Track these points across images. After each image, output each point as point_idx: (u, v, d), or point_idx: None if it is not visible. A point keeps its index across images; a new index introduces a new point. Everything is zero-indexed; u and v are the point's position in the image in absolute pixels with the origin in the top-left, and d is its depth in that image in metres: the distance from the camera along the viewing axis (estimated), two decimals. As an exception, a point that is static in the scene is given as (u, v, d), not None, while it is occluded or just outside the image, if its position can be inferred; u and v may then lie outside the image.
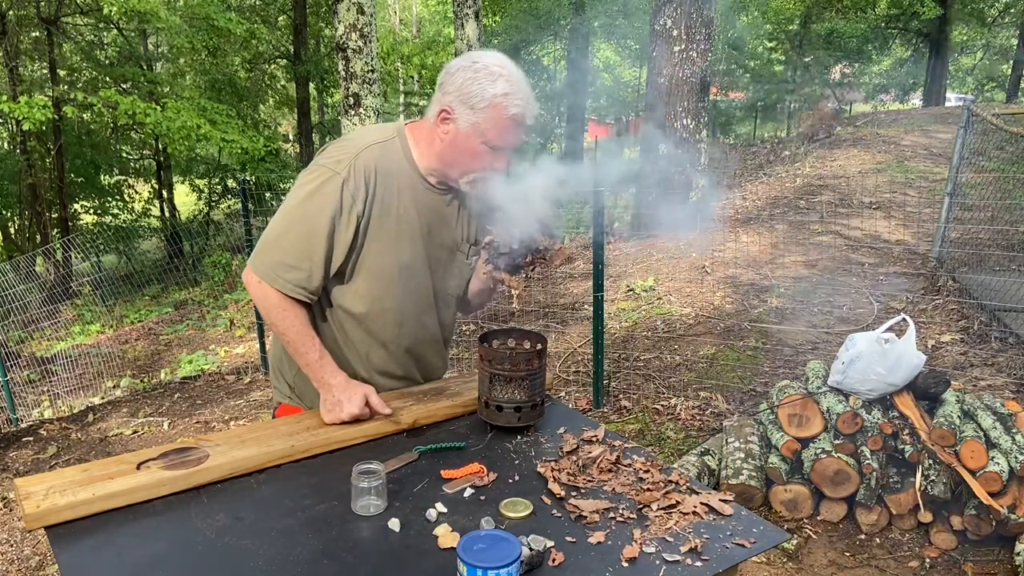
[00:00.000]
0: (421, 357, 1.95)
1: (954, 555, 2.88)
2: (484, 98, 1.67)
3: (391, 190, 1.77)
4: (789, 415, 3.23)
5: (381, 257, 1.78)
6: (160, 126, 10.75)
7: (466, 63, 1.70)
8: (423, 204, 1.82)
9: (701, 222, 7.82)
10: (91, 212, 16.14)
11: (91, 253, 10.79)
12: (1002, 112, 6.72)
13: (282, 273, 1.72)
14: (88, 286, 9.11)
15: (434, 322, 1.93)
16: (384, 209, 1.76)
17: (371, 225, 1.76)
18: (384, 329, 1.85)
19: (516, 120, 1.70)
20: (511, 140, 1.72)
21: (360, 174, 1.72)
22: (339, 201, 1.70)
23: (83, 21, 15.15)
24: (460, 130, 1.71)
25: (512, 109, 1.68)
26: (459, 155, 1.74)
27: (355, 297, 1.81)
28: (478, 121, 1.68)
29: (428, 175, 1.82)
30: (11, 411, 5.95)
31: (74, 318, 9.06)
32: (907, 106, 24.47)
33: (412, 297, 1.85)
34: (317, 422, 1.74)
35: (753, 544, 1.35)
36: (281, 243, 1.73)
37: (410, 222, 1.80)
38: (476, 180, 1.77)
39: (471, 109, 1.68)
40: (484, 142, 1.70)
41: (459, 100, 1.69)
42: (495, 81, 1.67)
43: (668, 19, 7.55)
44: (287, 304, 1.74)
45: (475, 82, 1.67)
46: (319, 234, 1.71)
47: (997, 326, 4.74)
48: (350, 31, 6.64)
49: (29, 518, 1.34)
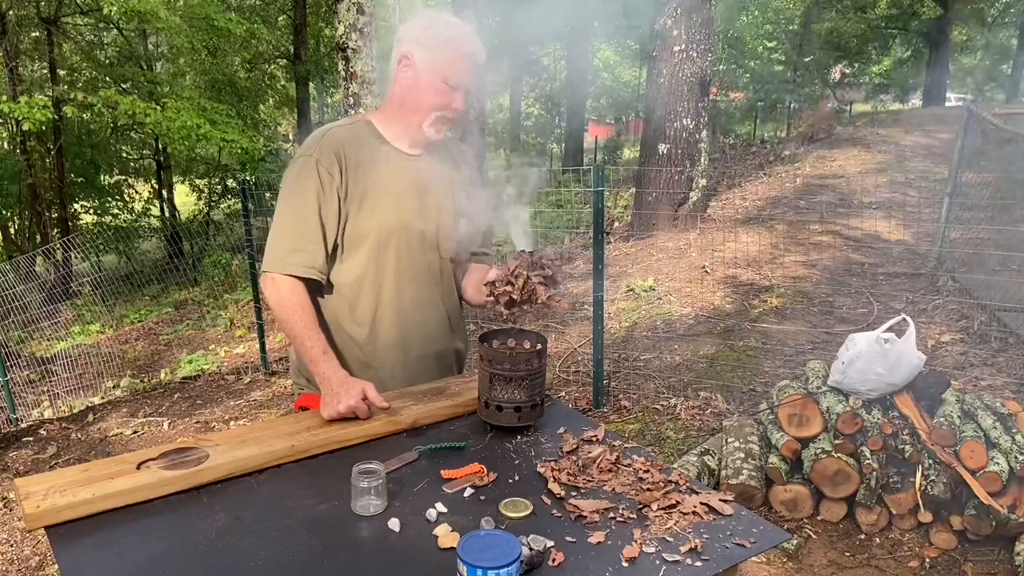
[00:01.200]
0: (416, 324, 1.97)
1: (954, 555, 2.88)
2: (440, 38, 1.80)
3: (363, 163, 1.87)
4: (789, 415, 3.23)
5: (367, 223, 1.86)
6: (160, 126, 10.74)
7: (423, 18, 1.86)
8: (402, 171, 1.91)
9: (701, 222, 7.83)
10: (91, 212, 16.12)
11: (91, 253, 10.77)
12: (1002, 112, 6.71)
13: (289, 259, 1.82)
14: (88, 286, 9.10)
15: (427, 284, 1.97)
16: (361, 178, 1.86)
17: (351, 195, 1.85)
18: (377, 297, 1.91)
19: (471, 57, 1.83)
20: (467, 78, 1.83)
21: (330, 150, 1.84)
22: (318, 179, 1.82)
23: (83, 21, 15.14)
24: (419, 70, 1.82)
25: (467, 47, 1.82)
26: (420, 96, 1.83)
27: (349, 269, 1.89)
28: (436, 59, 1.80)
29: (398, 142, 1.92)
30: (11, 411, 5.95)
31: (74, 318, 9.06)
32: (907, 106, 24.47)
33: (403, 262, 1.91)
34: (317, 422, 1.74)
35: (753, 544, 1.35)
36: (280, 234, 1.85)
37: (391, 188, 1.88)
38: (438, 121, 1.87)
39: (428, 49, 1.81)
40: (443, 79, 1.81)
41: (416, 43, 1.82)
42: (451, 28, 1.83)
43: (668, 19, 7.55)
44: (296, 295, 1.82)
45: (431, 27, 1.82)
46: (310, 214, 1.82)
47: (997, 326, 4.74)
48: (350, 31, 6.64)
49: (29, 518, 1.34)
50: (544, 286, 1.75)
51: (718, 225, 8.05)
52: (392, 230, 1.89)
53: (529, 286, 1.74)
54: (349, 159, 1.85)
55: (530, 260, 1.75)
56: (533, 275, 1.74)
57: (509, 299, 1.75)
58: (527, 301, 1.75)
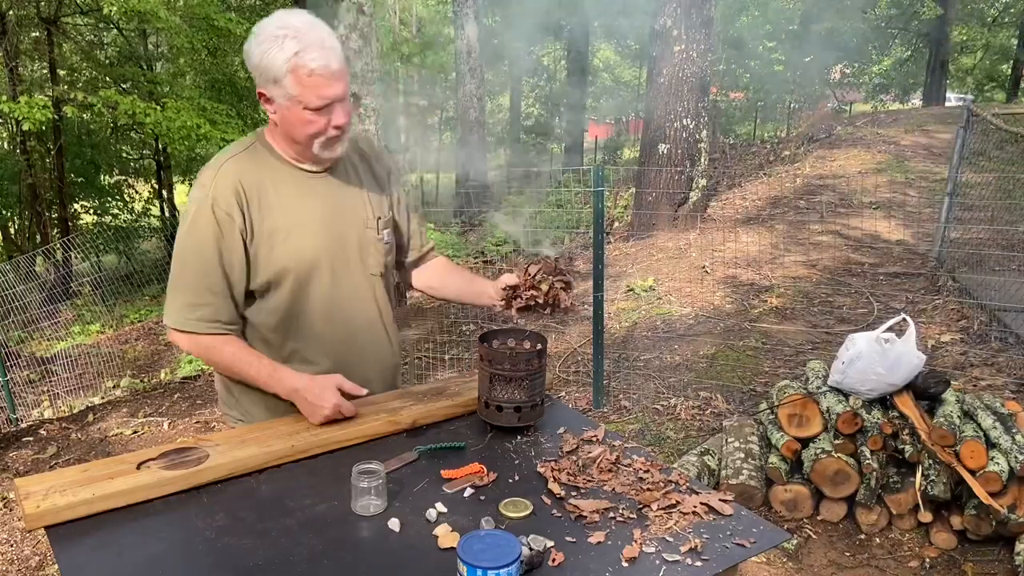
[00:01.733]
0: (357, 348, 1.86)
1: (954, 555, 2.88)
2: (279, 67, 1.60)
3: (267, 192, 1.72)
4: (789, 415, 3.23)
5: (282, 259, 1.72)
6: (160, 126, 10.73)
7: (252, 40, 1.64)
8: (312, 192, 1.77)
9: (701, 222, 7.82)
10: (91, 212, 16.12)
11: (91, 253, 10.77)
12: (1002, 112, 6.71)
13: (191, 314, 1.69)
14: (88, 286, 9.10)
15: (362, 308, 1.86)
16: (267, 214, 1.71)
17: (257, 233, 1.70)
18: (308, 331, 1.79)
19: (320, 73, 1.60)
20: (326, 94, 1.63)
21: (227, 189, 1.67)
22: (216, 224, 1.66)
23: (83, 21, 15.14)
24: (281, 107, 1.66)
25: (311, 64, 1.59)
26: (294, 129, 1.67)
27: (270, 310, 1.77)
28: (287, 91, 1.62)
29: (299, 162, 1.77)
30: (11, 411, 5.95)
31: (74, 318, 9.06)
32: (907, 106, 24.46)
33: (329, 289, 1.79)
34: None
35: (753, 544, 1.35)
36: (180, 287, 1.71)
37: (302, 216, 1.74)
38: (327, 143, 1.70)
39: (276, 83, 1.62)
40: (304, 107, 1.63)
41: (264, 79, 1.64)
42: (283, 45, 1.59)
43: (668, 19, 7.55)
44: (216, 342, 1.72)
45: (265, 55, 1.60)
46: (210, 265, 1.68)
47: (997, 326, 4.73)
48: (350, 31, 6.64)
49: (29, 518, 1.34)
50: (565, 291, 1.76)
51: (718, 225, 8.05)
52: (312, 260, 1.75)
53: (553, 291, 1.75)
54: (250, 193, 1.69)
55: (551, 264, 1.77)
56: (556, 280, 1.76)
57: (532, 303, 1.76)
58: (549, 306, 1.76)
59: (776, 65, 20.85)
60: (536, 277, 1.76)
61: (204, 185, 1.69)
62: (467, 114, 13.88)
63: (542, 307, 1.77)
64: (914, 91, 26.06)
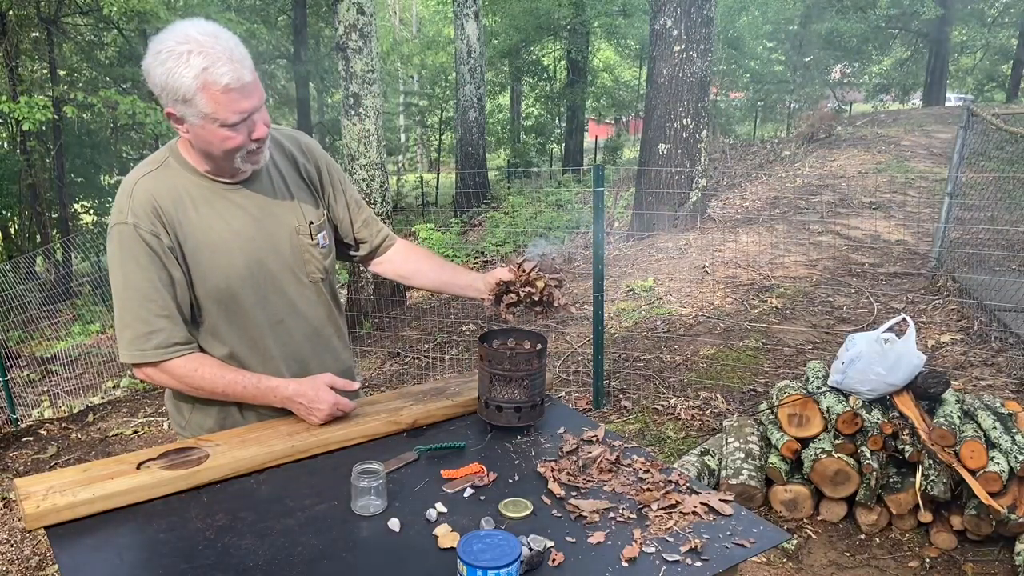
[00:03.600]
0: (309, 357, 1.81)
1: (954, 555, 2.88)
2: (187, 86, 1.48)
3: (186, 209, 1.62)
4: (789, 415, 3.23)
5: (212, 278, 1.64)
6: (160, 126, 10.75)
7: (151, 58, 1.51)
8: (234, 205, 1.67)
9: (701, 222, 7.83)
10: (91, 212, 16.14)
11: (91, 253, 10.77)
12: (1002, 112, 6.71)
13: (146, 344, 1.59)
14: (88, 286, 9.10)
15: (303, 318, 1.79)
16: (189, 233, 1.62)
17: (185, 252, 1.62)
18: (255, 348, 1.73)
19: (232, 87, 1.49)
20: (244, 107, 1.52)
21: (145, 210, 1.58)
22: (146, 246, 1.57)
23: (83, 21, 15.15)
24: (195, 126, 1.54)
25: (222, 80, 1.48)
26: (210, 146, 1.57)
27: (213, 336, 1.70)
28: (199, 110, 1.50)
29: (216, 175, 1.66)
30: (11, 411, 5.95)
31: (74, 318, 9.06)
32: (907, 106, 24.48)
33: (268, 305, 1.71)
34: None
35: (753, 544, 1.35)
36: (127, 320, 1.60)
37: (226, 231, 1.65)
38: (249, 156, 1.61)
39: (186, 103, 1.50)
40: (220, 125, 1.52)
41: (171, 99, 1.51)
42: (188, 61, 1.47)
43: (668, 19, 7.55)
44: (190, 366, 1.64)
45: (171, 74, 1.48)
46: (151, 287, 1.59)
47: (997, 326, 4.73)
48: (350, 31, 6.64)
49: (29, 518, 1.34)
50: (558, 290, 1.75)
51: (718, 225, 8.05)
52: (243, 277, 1.66)
53: (548, 289, 1.74)
54: (167, 213, 1.59)
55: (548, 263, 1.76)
56: (549, 278, 1.75)
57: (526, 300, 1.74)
58: (542, 303, 1.75)
59: (776, 65, 20.85)
60: (531, 274, 1.75)
61: (121, 210, 1.58)
62: (467, 114, 13.88)
63: (536, 305, 1.75)
64: (914, 91, 26.08)
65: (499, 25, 20.16)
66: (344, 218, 1.91)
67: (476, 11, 13.59)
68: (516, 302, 1.76)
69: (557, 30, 19.62)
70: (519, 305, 1.76)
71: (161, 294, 1.59)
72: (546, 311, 1.76)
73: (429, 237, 9.94)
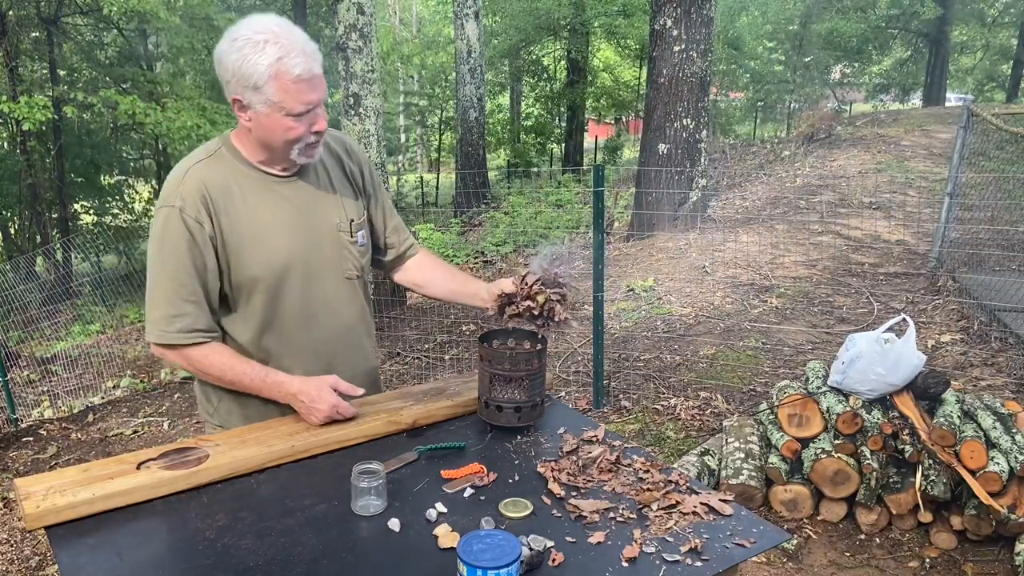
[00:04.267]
0: (337, 353, 1.85)
1: (954, 555, 2.88)
2: (260, 73, 1.55)
3: (234, 199, 1.68)
4: (789, 415, 3.23)
5: (253, 267, 1.69)
6: (160, 126, 10.75)
7: (227, 45, 1.58)
8: (280, 198, 1.73)
9: (701, 222, 7.83)
10: (91, 212, 16.14)
11: (91, 253, 10.78)
12: (1002, 112, 6.72)
13: (169, 327, 1.65)
14: (88, 286, 9.11)
15: (338, 314, 1.83)
16: (235, 221, 1.67)
17: (228, 241, 1.67)
18: (285, 339, 1.76)
19: (303, 78, 1.57)
20: (309, 99, 1.60)
21: (193, 196, 1.63)
22: (186, 231, 1.63)
23: (83, 21, 15.15)
24: (258, 112, 1.61)
25: (295, 70, 1.56)
26: (271, 135, 1.63)
27: (245, 321, 1.74)
28: (268, 97, 1.58)
29: (268, 167, 1.72)
30: (11, 411, 5.95)
31: (74, 318, 9.06)
32: (907, 106, 24.48)
33: (304, 297, 1.76)
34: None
35: (753, 544, 1.35)
36: (156, 300, 1.66)
37: (271, 222, 1.71)
38: (306, 149, 1.67)
39: (255, 89, 1.57)
40: (286, 114, 1.60)
41: (240, 85, 1.58)
42: (263, 50, 1.55)
43: (668, 19, 7.55)
44: (203, 352, 1.69)
45: (244, 60, 1.55)
46: (185, 273, 1.64)
47: (997, 326, 4.73)
48: (350, 31, 6.64)
49: (29, 518, 1.34)
50: (560, 304, 1.75)
51: (718, 225, 8.05)
52: (283, 267, 1.71)
53: (549, 304, 1.74)
54: (216, 201, 1.65)
55: (550, 276, 1.75)
56: (552, 292, 1.75)
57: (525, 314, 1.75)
58: (543, 317, 1.75)
59: (776, 65, 20.86)
60: (533, 288, 1.75)
61: (170, 194, 1.65)
62: (467, 114, 13.88)
63: (536, 318, 1.76)
64: (914, 91, 26.08)
65: (499, 25, 20.17)
66: (379, 222, 1.98)
67: (476, 11, 13.59)
68: (517, 314, 1.76)
69: (557, 30, 19.61)
70: (521, 317, 1.77)
71: (192, 280, 1.65)
72: (547, 324, 1.76)
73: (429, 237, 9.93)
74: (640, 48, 19.20)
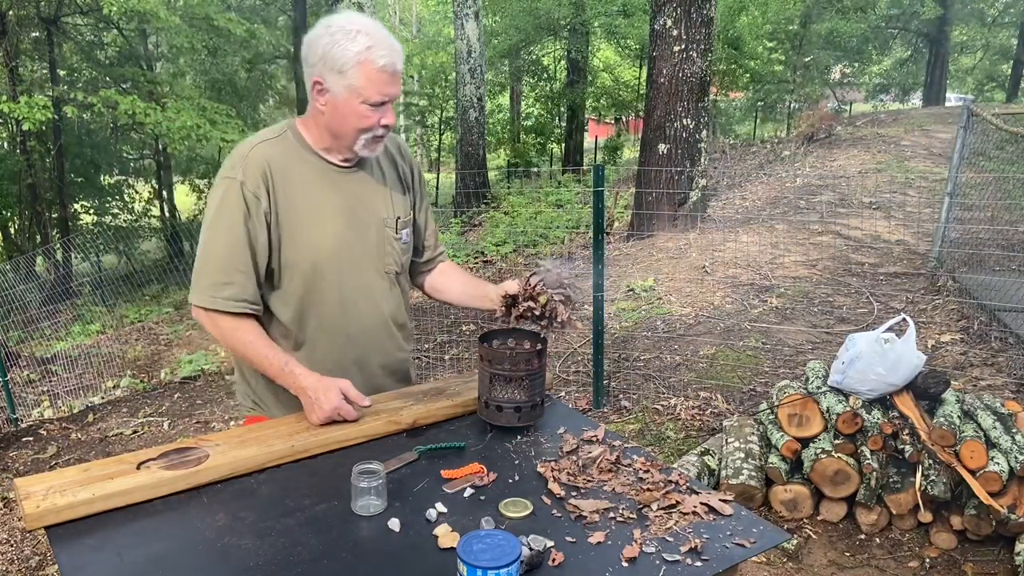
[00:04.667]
0: (370, 343, 1.90)
1: (954, 555, 2.88)
2: (348, 59, 1.65)
3: (293, 181, 1.75)
4: (789, 415, 3.23)
5: (301, 249, 1.76)
6: (160, 126, 10.75)
7: (321, 30, 1.69)
8: (335, 187, 1.80)
9: (701, 222, 7.83)
10: (91, 212, 16.14)
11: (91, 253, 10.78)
12: (1002, 112, 6.72)
13: (218, 293, 1.70)
14: (88, 286, 9.11)
15: (375, 304, 1.88)
16: (290, 202, 1.74)
17: (281, 220, 1.74)
18: (323, 322, 1.82)
19: (386, 70, 1.68)
20: (388, 91, 1.70)
21: (255, 172, 1.71)
22: (244, 203, 1.69)
23: (83, 21, 15.15)
24: (336, 97, 1.69)
25: (380, 61, 1.66)
26: (344, 121, 1.71)
27: (287, 296, 1.79)
28: (350, 83, 1.67)
29: (329, 155, 1.80)
30: (11, 411, 5.95)
31: (74, 318, 9.06)
32: (907, 106, 24.48)
33: (346, 286, 1.81)
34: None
35: (753, 544, 1.35)
36: (208, 266, 1.72)
37: (323, 208, 1.77)
38: (371, 141, 1.76)
39: (340, 73, 1.66)
40: (363, 101, 1.68)
41: (326, 68, 1.67)
42: (355, 38, 1.65)
43: (668, 19, 7.55)
44: (237, 324, 1.73)
45: (335, 45, 1.65)
46: (239, 243, 1.70)
47: (997, 326, 4.73)
48: (350, 31, 6.64)
49: (29, 518, 1.34)
50: (564, 305, 1.75)
51: (718, 225, 8.05)
52: (329, 254, 1.78)
53: (551, 305, 1.74)
54: (276, 179, 1.72)
55: (554, 277, 1.76)
56: (555, 293, 1.75)
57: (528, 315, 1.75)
58: (545, 318, 1.75)
59: (776, 65, 20.85)
60: (536, 289, 1.75)
61: (234, 166, 1.72)
62: (467, 114, 13.88)
63: (539, 319, 1.76)
64: (914, 91, 26.08)
65: (499, 25, 20.16)
66: (421, 225, 2.04)
67: (476, 11, 13.58)
68: (523, 315, 1.77)
69: (557, 30, 19.61)
70: (527, 318, 1.77)
71: (245, 252, 1.70)
72: (551, 325, 1.76)
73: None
74: (640, 48, 19.20)
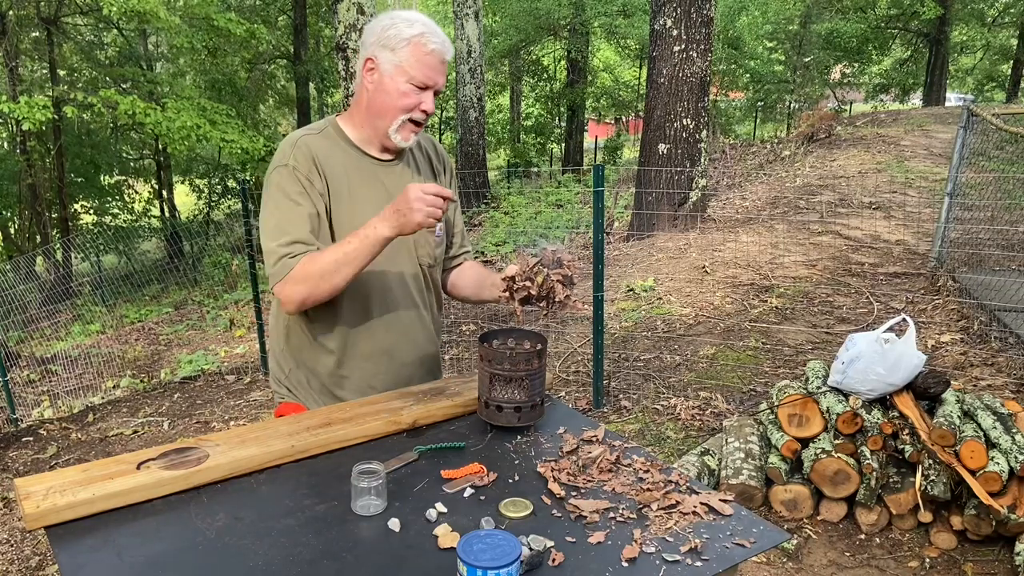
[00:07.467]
0: (404, 332, 1.94)
1: (954, 555, 2.88)
2: (402, 38, 1.74)
3: (337, 173, 1.81)
4: (789, 415, 3.23)
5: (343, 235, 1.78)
6: (160, 126, 10.75)
7: (383, 17, 1.80)
8: (375, 178, 1.86)
9: (701, 222, 7.83)
10: (91, 212, 16.15)
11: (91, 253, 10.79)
12: (1002, 112, 6.71)
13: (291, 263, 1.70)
14: (88, 286, 9.11)
15: (409, 295, 1.93)
16: (337, 194, 1.80)
17: (330, 204, 1.79)
18: (359, 308, 1.86)
19: (436, 55, 1.76)
20: (433, 76, 1.77)
21: (305, 158, 1.77)
22: (300, 185, 1.76)
23: (83, 21, 15.15)
24: (385, 73, 1.77)
25: (431, 45, 1.75)
26: (387, 99, 1.78)
27: None
28: (399, 61, 1.75)
29: (368, 147, 1.86)
30: (11, 411, 5.95)
31: (74, 318, 9.06)
32: (907, 106, 24.47)
33: (382, 275, 1.86)
34: (317, 422, 1.74)
35: (753, 544, 1.35)
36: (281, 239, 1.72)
37: (365, 201, 1.82)
38: (406, 126, 1.81)
39: (392, 51, 1.75)
40: (408, 80, 1.76)
41: (379, 46, 1.76)
42: (412, 25, 1.76)
43: (668, 19, 7.55)
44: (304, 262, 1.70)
45: (392, 27, 1.76)
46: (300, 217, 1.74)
47: (997, 326, 4.73)
48: (350, 31, 6.65)
49: (29, 518, 1.34)
50: (562, 284, 1.74)
51: (718, 225, 8.05)
52: None
53: (548, 283, 1.73)
54: (324, 167, 1.79)
55: (552, 257, 1.75)
56: (552, 273, 1.74)
57: (527, 295, 1.74)
58: (544, 298, 1.74)
59: (776, 65, 20.85)
60: (533, 268, 1.75)
61: (283, 155, 1.78)
62: (467, 114, 13.88)
63: (537, 300, 1.75)
64: (914, 91, 26.06)
65: (499, 25, 20.16)
66: (451, 221, 2.09)
67: (476, 11, 13.58)
68: (524, 298, 1.76)
69: (557, 30, 19.61)
70: (528, 302, 1.76)
71: (305, 223, 1.75)
72: (550, 306, 1.75)
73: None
74: (640, 48, 19.21)
